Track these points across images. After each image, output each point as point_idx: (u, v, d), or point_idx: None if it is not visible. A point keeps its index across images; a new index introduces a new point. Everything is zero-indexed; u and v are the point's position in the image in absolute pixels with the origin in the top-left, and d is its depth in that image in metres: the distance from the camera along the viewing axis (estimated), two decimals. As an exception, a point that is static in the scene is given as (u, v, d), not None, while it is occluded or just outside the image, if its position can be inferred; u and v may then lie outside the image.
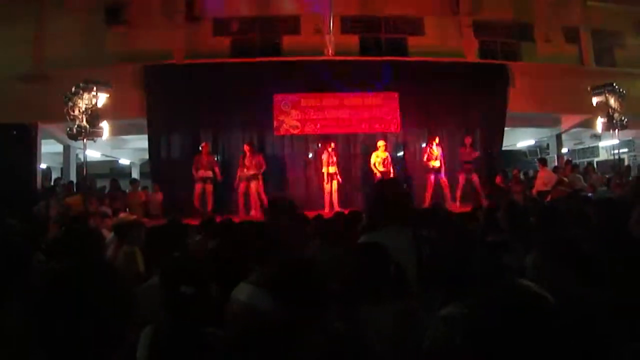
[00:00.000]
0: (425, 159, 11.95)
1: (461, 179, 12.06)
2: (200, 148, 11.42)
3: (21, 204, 10.23)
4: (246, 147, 11.47)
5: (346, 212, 7.24)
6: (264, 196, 11.06)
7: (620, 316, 1.81)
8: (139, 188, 12.24)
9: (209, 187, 11.29)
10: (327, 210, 10.91)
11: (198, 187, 11.19)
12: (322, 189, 11.83)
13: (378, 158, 11.65)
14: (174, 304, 2.24)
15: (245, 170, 11.21)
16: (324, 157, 11.56)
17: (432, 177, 11.88)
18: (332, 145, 11.71)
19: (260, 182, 11.30)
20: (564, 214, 4.14)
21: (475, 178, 11.98)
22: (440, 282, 2.05)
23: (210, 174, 11.21)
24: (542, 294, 1.31)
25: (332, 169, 11.50)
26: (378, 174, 11.41)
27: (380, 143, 11.78)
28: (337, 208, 10.78)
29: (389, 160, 11.75)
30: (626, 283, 2.01)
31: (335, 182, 11.49)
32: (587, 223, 3.89)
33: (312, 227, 5.01)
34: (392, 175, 11.45)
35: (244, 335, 2.05)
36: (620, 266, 2.14)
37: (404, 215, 2.98)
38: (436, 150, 11.89)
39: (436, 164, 11.85)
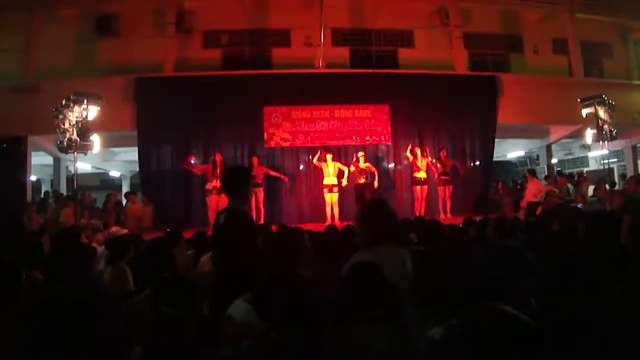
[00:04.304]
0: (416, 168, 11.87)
1: (441, 191, 11.88)
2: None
3: (11, 216, 10.14)
4: (255, 160, 11.48)
5: (341, 225, 7.20)
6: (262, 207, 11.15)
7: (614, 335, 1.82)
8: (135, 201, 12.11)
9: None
10: (329, 222, 10.53)
11: None
12: (319, 200, 11.82)
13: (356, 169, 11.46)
14: (160, 324, 2.23)
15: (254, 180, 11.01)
16: (324, 167, 11.46)
17: (418, 189, 11.80)
18: (332, 155, 11.61)
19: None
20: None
21: (449, 191, 11.87)
22: (434, 301, 2.04)
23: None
24: (521, 318, 1.30)
25: (333, 180, 11.37)
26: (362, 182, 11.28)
27: (360, 154, 11.65)
28: (337, 221, 10.59)
29: (370, 171, 11.56)
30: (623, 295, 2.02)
31: (335, 195, 11.34)
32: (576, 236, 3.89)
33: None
34: (372, 185, 11.35)
35: (238, 355, 2.04)
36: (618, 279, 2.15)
37: (395, 234, 2.99)
38: (421, 162, 11.79)
39: (422, 175, 11.79)
